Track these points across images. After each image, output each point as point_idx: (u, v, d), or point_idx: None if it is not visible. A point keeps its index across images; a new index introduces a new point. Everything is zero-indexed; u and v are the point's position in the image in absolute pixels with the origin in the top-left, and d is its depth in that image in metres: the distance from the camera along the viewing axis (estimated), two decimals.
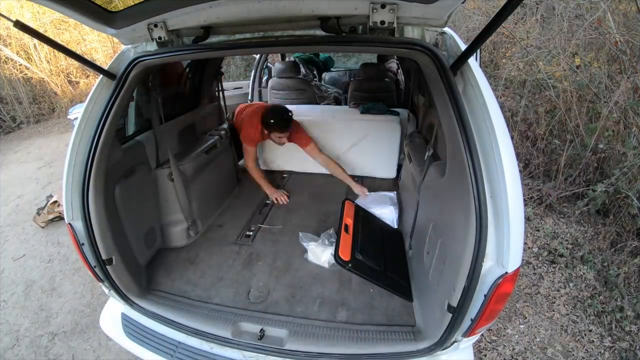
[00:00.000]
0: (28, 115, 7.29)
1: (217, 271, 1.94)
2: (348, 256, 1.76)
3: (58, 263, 2.92)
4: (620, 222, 2.70)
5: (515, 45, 4.34)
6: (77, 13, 1.12)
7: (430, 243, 1.52)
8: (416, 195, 1.83)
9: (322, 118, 2.96)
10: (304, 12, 1.14)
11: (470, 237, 1.05)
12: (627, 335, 2.08)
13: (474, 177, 1.02)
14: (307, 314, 1.63)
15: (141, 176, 1.87)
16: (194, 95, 2.55)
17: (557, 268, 2.55)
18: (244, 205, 2.64)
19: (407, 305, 1.67)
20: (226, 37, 1.32)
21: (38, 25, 7.16)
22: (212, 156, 2.47)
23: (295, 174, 3.14)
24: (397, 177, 2.92)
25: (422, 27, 1.19)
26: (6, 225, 3.54)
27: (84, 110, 1.39)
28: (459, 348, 1.30)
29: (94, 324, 2.27)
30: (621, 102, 2.84)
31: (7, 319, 2.41)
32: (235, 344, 1.45)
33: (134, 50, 1.42)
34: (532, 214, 3.05)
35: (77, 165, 1.38)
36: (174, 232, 2.13)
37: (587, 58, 3.37)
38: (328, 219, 2.41)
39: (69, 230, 1.42)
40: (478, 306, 1.07)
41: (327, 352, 1.40)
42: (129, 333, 1.59)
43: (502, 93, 3.98)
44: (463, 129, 1.06)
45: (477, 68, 1.11)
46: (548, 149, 3.40)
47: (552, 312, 2.24)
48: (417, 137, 2.28)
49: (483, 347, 2.04)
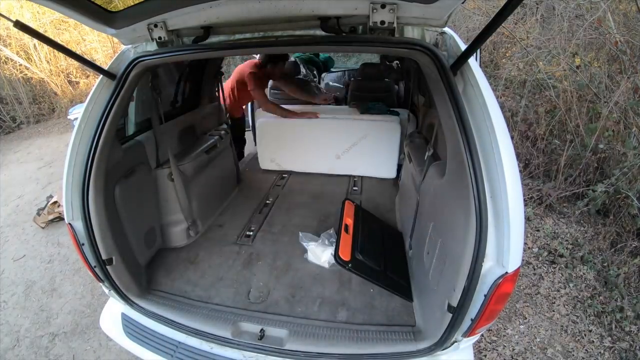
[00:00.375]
0: (28, 115, 7.29)
1: (217, 271, 1.94)
2: (348, 256, 1.76)
3: (58, 263, 2.92)
4: (620, 222, 2.70)
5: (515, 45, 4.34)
6: (77, 13, 1.12)
7: (430, 243, 1.52)
8: (416, 195, 1.83)
9: (322, 118, 2.96)
10: (304, 12, 1.14)
11: (470, 237, 1.05)
12: (627, 336, 2.08)
13: (474, 177, 1.02)
14: (307, 314, 1.63)
15: (141, 176, 1.87)
16: (194, 95, 2.55)
17: (557, 268, 2.55)
18: (244, 205, 2.64)
19: (407, 305, 1.67)
20: (226, 37, 1.32)
21: (38, 25, 7.16)
22: (212, 156, 2.47)
23: (295, 174, 3.14)
24: (397, 177, 2.92)
25: (422, 27, 1.19)
26: (6, 226, 3.54)
27: (84, 110, 1.39)
28: (459, 348, 1.30)
29: (94, 325, 2.27)
30: (621, 102, 2.84)
31: (8, 319, 2.41)
32: (235, 344, 1.45)
33: (134, 50, 1.42)
34: (532, 214, 3.05)
35: (77, 165, 1.38)
36: (174, 232, 2.13)
37: (587, 58, 3.37)
38: (328, 219, 2.41)
39: (69, 231, 1.42)
40: (478, 306, 1.07)
41: (327, 352, 1.40)
42: (129, 333, 1.59)
43: (502, 93, 3.98)
44: (463, 129, 1.06)
45: (477, 68, 1.11)
46: (548, 149, 3.40)
47: (552, 313, 2.24)
48: (417, 137, 2.28)
49: (483, 347, 2.04)
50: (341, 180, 3.02)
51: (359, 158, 2.95)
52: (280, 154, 3.12)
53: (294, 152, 3.03)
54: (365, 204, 2.58)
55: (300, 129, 2.96)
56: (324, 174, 3.05)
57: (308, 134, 2.96)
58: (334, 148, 2.95)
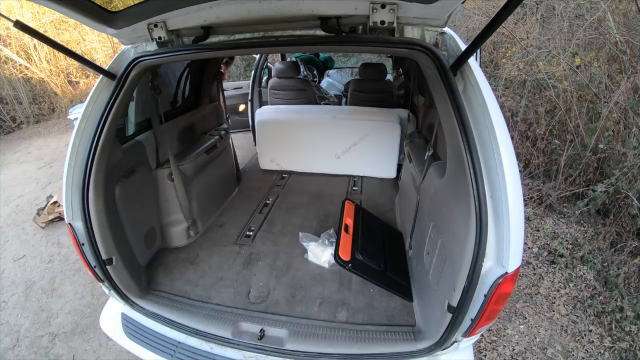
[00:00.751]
0: (28, 115, 7.29)
1: (217, 271, 1.94)
2: (348, 256, 1.76)
3: (58, 263, 2.92)
4: (620, 222, 2.70)
5: (515, 45, 4.34)
6: (77, 13, 1.12)
7: (430, 243, 1.52)
8: (416, 195, 1.83)
9: (322, 118, 2.96)
10: (304, 12, 1.14)
11: (470, 237, 1.05)
12: (627, 336, 2.08)
13: (474, 177, 1.02)
14: (307, 314, 1.63)
15: (141, 176, 1.86)
16: (194, 95, 2.55)
17: (557, 268, 2.54)
18: (244, 205, 2.64)
19: (407, 305, 1.67)
20: (226, 37, 1.32)
21: (38, 25, 7.16)
22: (212, 156, 2.47)
23: (295, 174, 3.14)
24: (397, 177, 2.92)
25: (422, 27, 1.19)
26: (6, 226, 3.53)
27: (84, 110, 1.39)
28: (459, 348, 1.30)
29: (94, 325, 2.27)
30: (621, 102, 2.84)
31: (8, 319, 2.41)
32: (235, 344, 1.45)
33: (134, 50, 1.42)
34: (532, 214, 3.04)
35: (77, 165, 1.38)
36: (174, 232, 2.13)
37: (587, 58, 3.37)
38: (328, 219, 2.41)
39: (69, 231, 1.42)
40: (478, 306, 1.07)
41: (327, 352, 1.40)
42: (129, 333, 1.59)
43: (502, 93, 3.98)
44: (463, 129, 1.06)
45: (477, 68, 1.11)
46: (548, 149, 3.40)
47: (552, 313, 2.24)
48: (417, 137, 2.28)
49: (483, 347, 2.04)
50: (341, 180, 3.02)
51: (359, 158, 2.95)
52: (280, 154, 3.12)
53: (294, 152, 3.02)
54: (365, 204, 2.58)
55: (300, 129, 2.96)
56: (323, 174, 3.05)
57: (308, 134, 2.96)
58: (334, 148, 2.94)
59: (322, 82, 5.09)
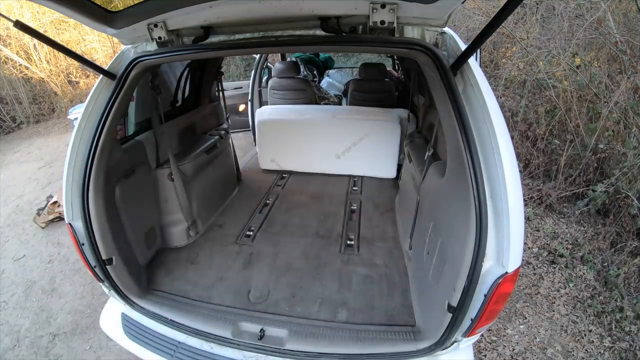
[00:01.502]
0: (28, 115, 7.29)
1: (217, 271, 1.94)
2: None
3: (58, 263, 2.91)
4: (620, 222, 2.70)
5: (515, 45, 4.34)
6: (77, 13, 1.12)
7: (430, 243, 1.52)
8: (416, 195, 1.83)
9: (322, 118, 2.96)
10: (304, 12, 1.14)
11: (470, 237, 1.05)
12: (627, 336, 2.08)
13: (474, 177, 1.02)
14: (307, 314, 1.63)
15: (141, 176, 1.87)
16: (194, 95, 2.55)
17: (557, 268, 2.54)
18: (244, 205, 2.64)
19: (407, 305, 1.67)
20: (226, 37, 1.32)
21: (38, 25, 7.16)
22: (212, 156, 2.47)
23: (295, 174, 3.14)
24: (397, 177, 2.92)
25: (422, 27, 1.19)
26: (6, 226, 3.53)
27: (84, 110, 1.39)
28: (459, 348, 1.30)
29: (94, 325, 2.27)
30: (621, 102, 2.84)
31: (8, 319, 2.41)
32: (235, 344, 1.45)
33: (134, 50, 1.42)
34: (532, 214, 3.04)
35: (77, 165, 1.38)
36: (174, 232, 2.13)
37: (587, 58, 3.37)
38: (328, 219, 2.41)
39: (69, 231, 1.42)
40: (478, 306, 1.07)
41: (327, 352, 1.39)
42: (129, 333, 1.59)
43: (502, 93, 3.98)
44: (463, 129, 1.06)
45: (477, 68, 1.11)
46: (548, 149, 3.40)
47: (552, 313, 2.24)
48: (417, 137, 2.28)
49: (483, 347, 2.04)
50: (341, 180, 3.02)
51: (359, 158, 2.95)
52: (280, 154, 3.12)
53: (294, 152, 3.02)
54: (365, 204, 2.58)
55: (300, 128, 2.96)
56: (324, 174, 3.05)
57: (308, 134, 2.96)
58: (334, 148, 2.94)
59: (322, 82, 5.09)
